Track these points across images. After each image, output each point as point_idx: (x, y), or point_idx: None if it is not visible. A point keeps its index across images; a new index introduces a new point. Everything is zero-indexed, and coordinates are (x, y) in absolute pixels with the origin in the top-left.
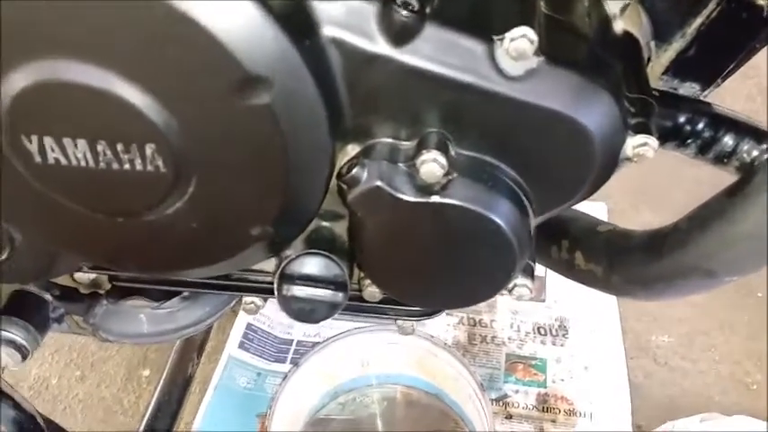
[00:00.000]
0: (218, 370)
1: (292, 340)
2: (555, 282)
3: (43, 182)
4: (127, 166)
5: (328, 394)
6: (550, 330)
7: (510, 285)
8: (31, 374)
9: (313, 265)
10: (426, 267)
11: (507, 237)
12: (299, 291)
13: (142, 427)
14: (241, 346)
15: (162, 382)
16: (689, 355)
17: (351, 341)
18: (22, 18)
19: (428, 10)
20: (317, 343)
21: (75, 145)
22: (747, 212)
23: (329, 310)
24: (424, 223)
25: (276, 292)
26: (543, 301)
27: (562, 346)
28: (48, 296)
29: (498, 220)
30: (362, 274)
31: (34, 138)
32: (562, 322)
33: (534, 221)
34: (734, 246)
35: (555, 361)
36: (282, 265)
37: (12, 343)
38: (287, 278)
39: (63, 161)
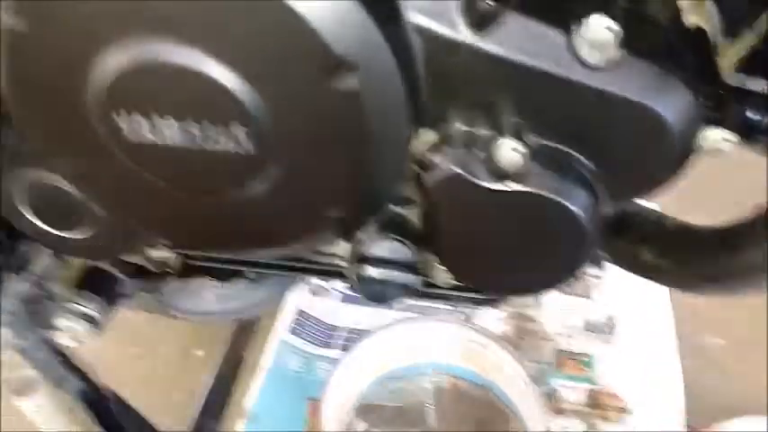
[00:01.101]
0: (269, 353)
1: (343, 327)
2: (604, 278)
3: (132, 160)
4: (215, 146)
5: (378, 381)
6: (600, 327)
7: (579, 274)
8: (87, 351)
9: (386, 248)
10: (499, 253)
11: (581, 225)
12: (376, 272)
13: (197, 407)
14: (293, 331)
15: (217, 363)
16: (743, 357)
17: (402, 329)
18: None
19: None
20: (366, 330)
21: (167, 124)
22: None
23: (401, 291)
24: (500, 210)
25: (352, 274)
26: (591, 297)
27: (612, 343)
28: (118, 273)
29: (573, 208)
30: (432, 259)
31: (127, 115)
32: (611, 318)
33: (606, 211)
34: None
35: (604, 358)
36: (358, 247)
37: (85, 316)
38: (363, 260)
39: (153, 140)
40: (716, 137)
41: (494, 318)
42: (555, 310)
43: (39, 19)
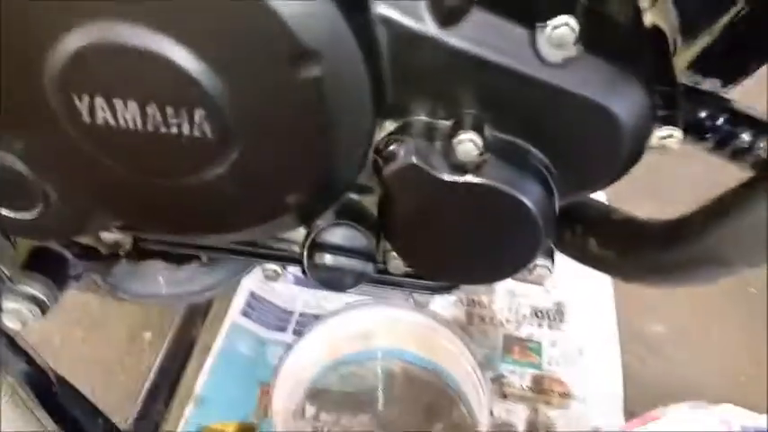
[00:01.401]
0: (220, 336)
1: (294, 311)
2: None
3: (89, 142)
4: (174, 129)
5: (329, 366)
6: (548, 314)
7: (531, 266)
8: (33, 334)
9: (343, 235)
10: (454, 243)
11: (534, 218)
12: (329, 259)
13: (144, 390)
14: (244, 313)
15: (165, 345)
16: (682, 344)
17: (354, 314)
18: None
19: None
20: (319, 315)
21: (126, 106)
22: (764, 203)
23: (356, 279)
24: (456, 201)
25: (306, 260)
26: (542, 284)
27: (558, 329)
28: (68, 254)
29: (527, 202)
30: (387, 248)
31: (85, 97)
32: (559, 307)
33: (558, 204)
34: (749, 236)
35: (551, 344)
36: (314, 233)
37: (32, 298)
38: (318, 246)
39: (111, 122)
40: (664, 134)
41: (444, 303)
42: (505, 297)
43: None
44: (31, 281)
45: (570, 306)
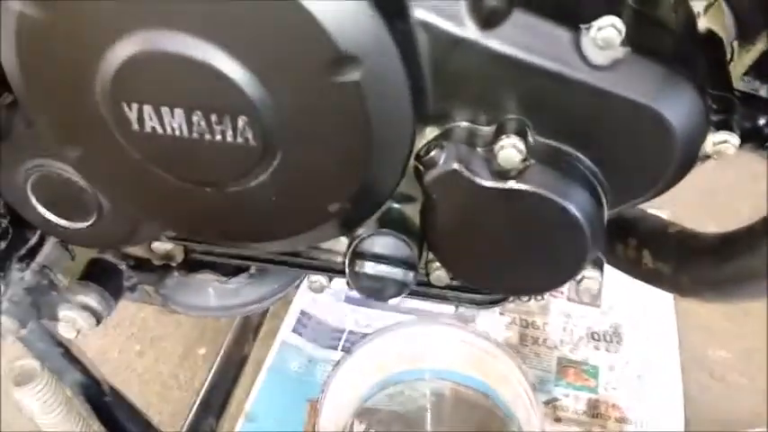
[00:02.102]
0: (271, 353)
1: (344, 329)
2: (611, 288)
3: (138, 149)
4: (218, 137)
5: (378, 384)
6: (604, 336)
7: (578, 277)
8: (92, 346)
9: (384, 244)
10: (498, 252)
11: (581, 226)
12: (371, 268)
13: (197, 403)
14: (294, 330)
15: (218, 360)
16: (746, 371)
17: (404, 333)
18: None
19: None
20: (369, 333)
21: (172, 114)
22: None
23: (398, 288)
24: (499, 208)
25: (348, 269)
26: (598, 306)
27: (616, 353)
28: (123, 265)
29: (573, 209)
30: (430, 258)
31: (134, 105)
32: (616, 329)
33: (608, 214)
34: None
35: (608, 368)
36: (355, 242)
37: (87, 307)
38: (359, 255)
39: (159, 129)
40: (719, 139)
41: (498, 323)
42: (560, 318)
43: (54, 5)
44: (87, 291)
45: (629, 329)
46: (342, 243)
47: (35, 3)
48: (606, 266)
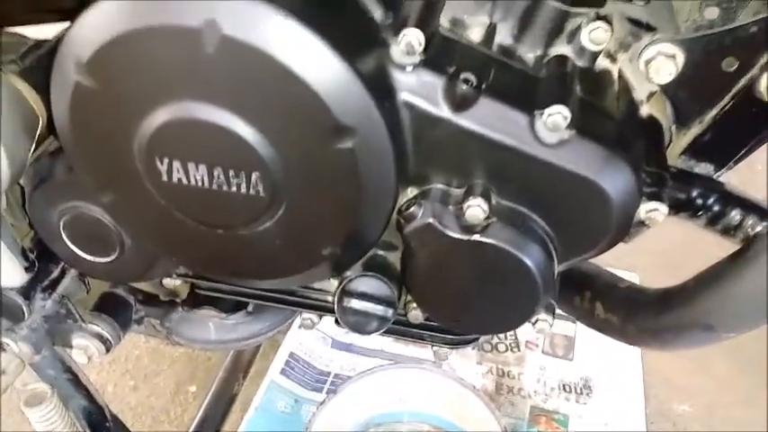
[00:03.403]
0: (259, 392)
1: (330, 372)
2: (583, 343)
3: (164, 197)
4: (234, 188)
5: (360, 424)
6: (575, 388)
7: (533, 319)
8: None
9: (369, 285)
10: (464, 295)
11: (534, 276)
12: (357, 304)
13: None
14: (282, 372)
15: (208, 398)
16: (707, 423)
17: (385, 376)
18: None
19: (484, 85)
20: (351, 376)
21: (197, 168)
22: (744, 276)
23: (380, 323)
24: (466, 257)
25: (336, 305)
26: (571, 359)
27: (585, 404)
28: (132, 300)
29: (527, 261)
30: (408, 299)
31: (165, 160)
32: (587, 381)
33: (558, 268)
34: (731, 304)
35: (577, 417)
36: (344, 282)
37: (99, 336)
38: (347, 293)
39: (184, 181)
40: (650, 208)
41: (476, 372)
42: (534, 370)
43: (104, 79)
44: (99, 321)
45: (598, 381)
46: (332, 285)
47: (90, 75)
48: (579, 326)
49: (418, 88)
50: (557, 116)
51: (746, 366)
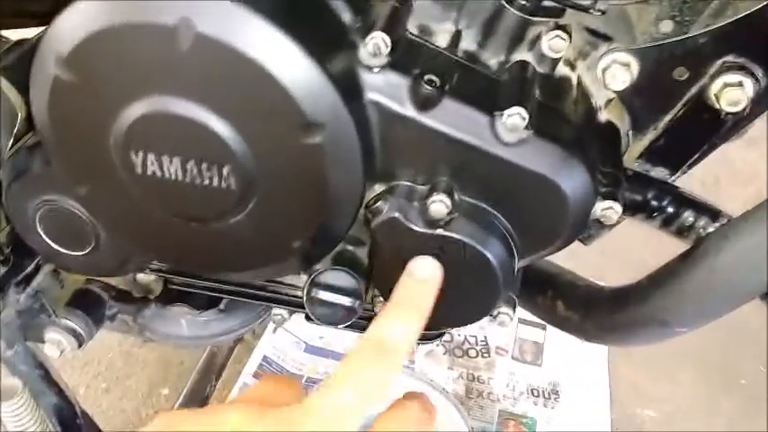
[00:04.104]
0: (232, 395)
1: (303, 376)
2: (551, 349)
3: (138, 190)
4: (206, 181)
5: None
6: (543, 393)
7: (494, 312)
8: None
9: (337, 277)
10: None
11: (494, 269)
12: (324, 295)
13: None
14: (255, 375)
15: (180, 400)
16: (671, 428)
17: None
18: (143, 61)
19: (447, 87)
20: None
21: (171, 161)
22: (693, 274)
23: (347, 314)
24: (430, 251)
25: (305, 296)
26: (540, 365)
27: (552, 408)
28: (106, 296)
29: (488, 255)
30: (375, 293)
31: (140, 153)
32: (555, 386)
33: (518, 263)
34: (683, 301)
35: (545, 421)
36: (313, 275)
37: (72, 331)
38: (316, 285)
39: (158, 173)
40: (605, 206)
41: (446, 377)
42: (504, 375)
43: (83, 73)
44: (72, 316)
45: (566, 386)
46: (302, 280)
47: (69, 69)
48: (548, 332)
49: (385, 88)
50: (515, 117)
51: (709, 374)
